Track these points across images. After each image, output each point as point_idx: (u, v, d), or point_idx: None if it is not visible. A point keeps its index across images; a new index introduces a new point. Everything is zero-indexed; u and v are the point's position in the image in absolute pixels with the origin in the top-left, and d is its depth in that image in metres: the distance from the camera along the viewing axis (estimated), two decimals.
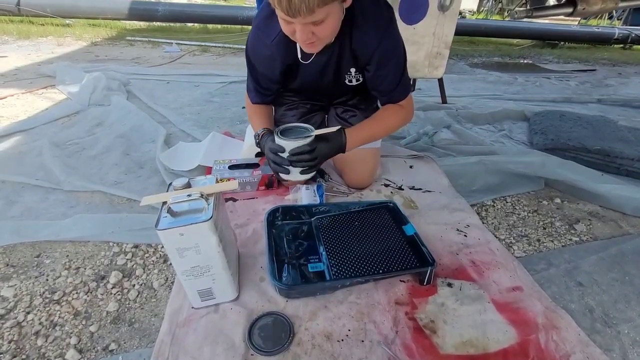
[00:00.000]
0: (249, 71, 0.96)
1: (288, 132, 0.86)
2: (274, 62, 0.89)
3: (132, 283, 0.86)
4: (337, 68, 0.93)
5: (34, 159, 1.39)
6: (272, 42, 0.85)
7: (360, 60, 0.90)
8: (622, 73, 3.72)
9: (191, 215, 0.62)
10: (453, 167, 1.36)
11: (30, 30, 4.03)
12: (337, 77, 0.98)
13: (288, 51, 0.87)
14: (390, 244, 0.89)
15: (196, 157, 1.36)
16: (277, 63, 0.89)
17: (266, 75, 0.94)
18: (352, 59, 0.91)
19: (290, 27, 0.70)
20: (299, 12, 0.63)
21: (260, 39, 0.87)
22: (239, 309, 0.72)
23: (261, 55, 0.90)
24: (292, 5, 0.62)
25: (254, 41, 0.89)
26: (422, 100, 2.29)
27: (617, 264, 0.96)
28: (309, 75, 0.96)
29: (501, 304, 0.77)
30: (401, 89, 0.96)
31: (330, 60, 0.89)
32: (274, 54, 0.87)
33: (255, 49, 0.90)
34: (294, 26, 0.69)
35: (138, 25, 4.92)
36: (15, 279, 0.86)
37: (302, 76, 0.96)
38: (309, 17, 0.64)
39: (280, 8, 0.64)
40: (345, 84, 0.99)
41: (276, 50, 0.86)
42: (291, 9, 0.63)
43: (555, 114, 1.97)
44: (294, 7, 0.62)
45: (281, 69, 0.91)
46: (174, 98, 2.22)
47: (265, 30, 0.85)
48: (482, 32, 4.93)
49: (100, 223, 1.03)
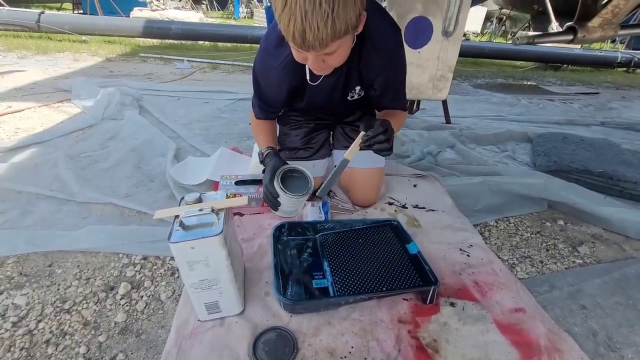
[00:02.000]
0: (255, 90, 0.98)
1: (289, 178, 0.86)
2: (281, 85, 0.91)
3: (140, 294, 0.88)
4: (344, 87, 0.96)
5: (49, 171, 1.43)
6: (280, 65, 0.85)
7: (366, 80, 0.93)
8: (625, 96, 3.76)
9: (202, 229, 0.65)
10: (457, 187, 1.37)
11: (48, 46, 4.19)
12: (344, 96, 1.00)
13: (296, 74, 0.88)
14: (393, 262, 0.91)
15: (205, 172, 1.40)
16: (284, 86, 0.91)
17: (272, 97, 0.96)
18: (358, 78, 0.93)
19: (302, 56, 0.71)
20: (312, 48, 0.64)
21: (267, 62, 0.88)
22: (244, 322, 0.73)
23: (269, 78, 0.91)
24: (305, 42, 0.62)
25: (261, 63, 0.90)
26: (426, 120, 2.34)
27: (620, 288, 0.96)
28: (316, 96, 0.97)
29: (504, 325, 0.78)
30: (402, 102, 1.03)
31: (338, 81, 0.91)
32: (281, 77, 0.88)
33: (263, 71, 0.91)
34: (306, 55, 0.69)
35: (151, 42, 5.11)
36: (28, 287, 0.88)
37: (309, 96, 0.98)
38: (322, 51, 0.65)
39: (293, 43, 0.64)
40: (347, 100, 1.03)
41: (284, 74, 0.87)
42: (305, 45, 0.63)
43: (558, 136, 1.99)
44: (307, 43, 0.62)
45: (288, 91, 0.93)
46: (184, 114, 2.28)
47: (274, 53, 0.85)
48: (486, 54, 5.04)
49: (111, 234, 1.06)
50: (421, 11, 1.58)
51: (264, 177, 0.89)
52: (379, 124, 0.83)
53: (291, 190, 0.84)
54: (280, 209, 0.89)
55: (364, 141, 0.83)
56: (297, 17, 0.58)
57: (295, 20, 0.59)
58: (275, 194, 0.84)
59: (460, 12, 1.53)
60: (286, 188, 0.83)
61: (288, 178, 0.86)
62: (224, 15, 13.33)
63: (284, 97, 0.95)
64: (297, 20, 0.59)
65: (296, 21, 0.59)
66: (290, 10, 0.59)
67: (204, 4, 13.41)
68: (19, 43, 4.22)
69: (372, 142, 0.82)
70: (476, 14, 8.75)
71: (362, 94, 0.99)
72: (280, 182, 0.83)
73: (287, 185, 0.84)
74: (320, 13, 0.58)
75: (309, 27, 0.59)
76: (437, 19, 1.56)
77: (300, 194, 0.84)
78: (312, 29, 0.60)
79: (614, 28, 1.29)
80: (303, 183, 0.86)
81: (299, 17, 0.58)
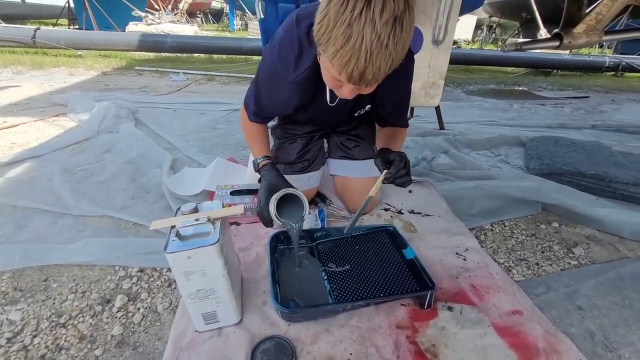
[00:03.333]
0: (256, 96, 0.93)
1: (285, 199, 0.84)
2: (292, 98, 0.87)
3: (137, 307, 0.87)
4: (355, 105, 0.95)
5: (44, 185, 1.43)
6: (294, 80, 0.81)
7: (378, 98, 0.92)
8: (615, 99, 3.83)
9: (198, 239, 0.65)
10: (451, 192, 1.39)
11: (44, 61, 4.21)
12: (351, 113, 1.01)
13: (308, 90, 0.85)
14: (390, 268, 0.91)
15: (201, 183, 1.40)
16: (295, 99, 0.87)
17: (276, 107, 0.93)
18: (371, 97, 0.92)
19: (338, 84, 0.68)
20: (365, 84, 0.62)
21: (279, 74, 0.83)
22: (241, 332, 0.73)
23: (275, 88, 0.87)
24: (362, 79, 0.60)
25: (270, 71, 0.84)
26: (420, 127, 2.36)
27: (616, 288, 0.97)
28: (324, 112, 0.95)
29: (501, 328, 0.78)
30: (406, 119, 1.05)
31: (350, 101, 0.88)
32: (293, 91, 0.84)
33: (270, 81, 0.86)
34: (341, 83, 0.67)
35: (147, 55, 5.15)
36: (23, 302, 0.87)
37: (316, 111, 0.95)
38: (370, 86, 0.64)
39: (346, 78, 0.61)
40: (354, 116, 1.04)
41: (296, 88, 0.84)
42: (360, 82, 0.61)
43: (551, 139, 2.02)
44: (364, 80, 0.60)
45: (296, 105, 0.89)
46: (180, 125, 2.30)
47: (287, 65, 0.80)
48: (477, 61, 5.12)
49: (107, 247, 1.05)
50: None
51: (259, 194, 0.87)
52: (397, 159, 0.83)
53: (286, 212, 0.83)
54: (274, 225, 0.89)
55: (386, 178, 0.83)
56: (362, 56, 0.56)
57: (358, 59, 0.56)
58: (269, 218, 0.83)
59: (449, 21, 1.57)
60: (281, 210, 0.82)
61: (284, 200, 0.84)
62: (219, 28, 13.49)
63: (290, 110, 0.92)
64: (361, 60, 0.56)
65: (359, 60, 0.56)
66: (354, 49, 0.55)
67: (199, 18, 13.58)
68: (14, 59, 4.24)
69: (394, 179, 0.83)
70: (467, 22, 8.94)
71: (369, 109, 1.00)
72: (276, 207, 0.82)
73: (282, 208, 0.83)
74: (385, 54, 0.56)
75: (371, 66, 0.57)
76: (426, 28, 1.60)
77: (293, 222, 0.84)
78: (374, 68, 0.58)
79: (598, 34, 1.33)
80: (298, 207, 0.85)
81: (363, 57, 0.56)
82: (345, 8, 0.54)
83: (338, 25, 0.55)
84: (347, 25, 0.54)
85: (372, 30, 0.54)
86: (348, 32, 0.54)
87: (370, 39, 0.54)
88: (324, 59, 0.63)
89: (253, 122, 0.99)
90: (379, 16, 0.53)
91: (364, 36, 0.54)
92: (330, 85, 0.72)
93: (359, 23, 0.53)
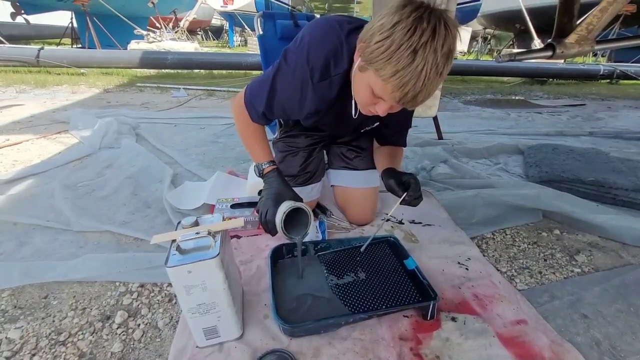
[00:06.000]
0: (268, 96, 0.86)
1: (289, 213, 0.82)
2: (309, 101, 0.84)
3: (137, 323, 0.86)
4: (365, 121, 0.96)
5: (45, 201, 1.43)
6: (319, 83, 0.80)
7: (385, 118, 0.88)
8: (611, 107, 3.86)
9: (199, 252, 0.65)
10: (452, 201, 1.39)
11: (47, 80, 4.28)
12: (358, 128, 1.03)
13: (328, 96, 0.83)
14: (392, 279, 0.91)
15: (201, 196, 1.41)
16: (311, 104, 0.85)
17: (287, 110, 0.89)
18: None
19: (375, 100, 0.71)
20: (411, 105, 0.66)
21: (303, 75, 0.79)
22: (243, 347, 0.72)
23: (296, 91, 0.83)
24: (413, 101, 0.64)
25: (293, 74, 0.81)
26: (419, 137, 2.38)
27: (620, 295, 0.96)
28: (333, 123, 0.97)
29: (506, 338, 0.77)
30: (405, 138, 1.08)
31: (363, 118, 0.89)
32: (313, 95, 0.82)
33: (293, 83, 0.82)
34: (379, 100, 0.70)
35: (148, 72, 5.24)
36: (22, 320, 0.86)
37: (327, 118, 0.95)
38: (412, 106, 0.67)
39: (397, 98, 0.64)
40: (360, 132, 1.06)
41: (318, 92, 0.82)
42: (409, 103, 0.65)
43: (548, 147, 2.03)
44: (413, 101, 0.64)
45: (311, 111, 0.87)
46: (181, 140, 2.32)
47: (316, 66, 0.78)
48: (474, 72, 5.20)
49: (107, 263, 1.05)
50: None
51: (263, 201, 0.87)
52: (413, 182, 0.89)
53: (291, 224, 0.83)
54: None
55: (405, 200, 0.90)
56: (420, 81, 0.60)
57: (416, 83, 0.60)
58: (274, 228, 0.84)
59: None
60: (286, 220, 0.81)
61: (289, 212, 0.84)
62: (219, 44, 13.75)
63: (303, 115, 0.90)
64: (418, 84, 0.61)
65: (417, 83, 0.61)
66: (414, 73, 0.60)
67: (199, 35, 13.85)
68: (18, 78, 4.32)
69: (410, 200, 0.89)
70: (462, 34, 9.10)
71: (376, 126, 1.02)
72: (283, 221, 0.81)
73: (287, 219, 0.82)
74: (437, 82, 0.62)
75: (425, 89, 0.62)
76: None
77: (298, 235, 0.85)
78: (426, 92, 0.63)
79: (590, 43, 1.36)
80: (303, 218, 0.84)
81: (421, 82, 0.60)
82: (413, 34, 0.58)
83: (403, 48, 0.59)
84: (413, 50, 0.59)
85: (433, 59, 0.59)
86: (412, 57, 0.59)
87: (431, 66, 0.60)
88: (372, 76, 0.66)
89: (255, 123, 0.95)
90: (441, 48, 0.59)
91: (426, 63, 0.59)
92: (363, 101, 0.74)
93: (424, 50, 0.58)
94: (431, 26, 0.58)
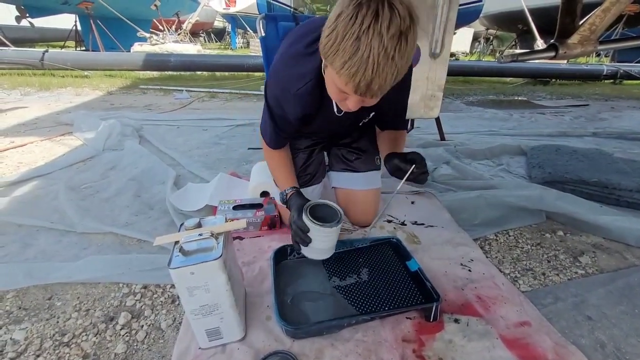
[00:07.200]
0: (270, 117, 0.93)
1: (317, 210, 0.84)
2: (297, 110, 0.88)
3: (140, 324, 0.86)
4: (360, 115, 0.96)
5: (49, 203, 1.44)
6: (297, 92, 0.83)
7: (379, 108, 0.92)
8: (614, 107, 3.84)
9: (202, 254, 0.65)
10: (454, 202, 1.38)
11: (51, 82, 4.32)
12: (356, 122, 1.02)
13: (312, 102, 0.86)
14: (394, 280, 0.91)
15: (204, 198, 1.42)
16: (298, 111, 0.88)
17: (285, 118, 0.92)
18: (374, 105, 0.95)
19: (343, 95, 0.69)
20: (371, 95, 0.63)
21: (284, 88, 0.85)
22: (245, 349, 0.72)
23: (285, 105, 0.88)
24: (369, 90, 0.61)
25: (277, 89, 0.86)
26: (421, 138, 2.38)
27: (625, 297, 0.95)
28: (329, 123, 0.97)
29: (510, 340, 0.77)
30: (406, 122, 1.08)
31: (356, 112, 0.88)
32: (297, 104, 0.86)
33: (280, 98, 0.87)
34: (347, 95, 0.68)
35: (151, 74, 5.27)
36: (27, 321, 0.87)
37: (320, 123, 0.96)
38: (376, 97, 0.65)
39: (353, 89, 0.62)
40: (358, 125, 1.05)
41: (300, 100, 0.85)
42: (366, 93, 0.62)
43: (551, 147, 2.02)
44: (370, 91, 0.62)
45: (301, 117, 0.90)
46: (184, 141, 2.33)
47: (290, 81, 0.83)
48: (476, 72, 5.19)
49: (110, 264, 1.06)
50: None
51: (290, 217, 0.88)
52: (419, 158, 0.89)
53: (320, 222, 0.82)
54: (311, 247, 0.85)
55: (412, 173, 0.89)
56: (369, 68, 0.58)
57: (365, 70, 0.58)
58: (305, 228, 0.82)
59: (445, 35, 1.60)
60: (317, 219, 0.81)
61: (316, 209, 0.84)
62: (221, 46, 13.81)
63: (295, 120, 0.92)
64: (368, 71, 0.58)
65: (366, 72, 0.58)
66: (361, 60, 0.57)
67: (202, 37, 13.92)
68: (22, 80, 4.35)
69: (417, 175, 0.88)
70: (464, 35, 9.10)
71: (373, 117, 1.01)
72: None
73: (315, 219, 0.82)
74: (391, 66, 0.58)
75: (377, 77, 0.59)
76: (423, 42, 1.63)
77: (330, 223, 0.82)
78: (380, 79, 0.59)
79: (593, 44, 1.35)
80: (331, 215, 0.84)
81: (370, 69, 0.58)
82: (354, 22, 0.56)
83: (347, 38, 0.57)
84: (356, 37, 0.56)
85: (379, 43, 0.56)
86: (356, 45, 0.57)
87: (378, 51, 0.56)
88: (331, 71, 0.65)
89: (274, 150, 1.01)
90: (386, 30, 0.56)
91: (371, 48, 0.56)
92: (335, 98, 0.74)
93: (367, 36, 0.56)
94: (372, 10, 0.55)
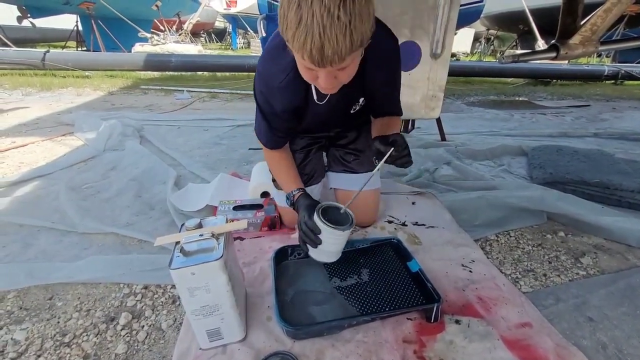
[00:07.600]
0: (260, 115, 0.94)
1: (327, 212, 0.83)
2: (284, 104, 0.89)
3: (141, 324, 0.86)
4: (348, 101, 0.95)
5: (50, 203, 1.45)
6: (280, 85, 0.84)
7: (369, 90, 0.93)
8: (616, 107, 3.83)
9: (202, 254, 0.65)
10: (455, 203, 1.38)
11: (52, 82, 4.33)
12: (347, 110, 1.00)
13: (297, 93, 0.87)
14: (395, 281, 0.91)
15: (205, 198, 1.42)
16: (286, 104, 0.89)
17: (275, 114, 0.92)
18: (361, 90, 0.92)
19: (313, 74, 0.69)
20: (330, 63, 0.61)
21: (267, 84, 0.86)
22: (246, 349, 0.72)
23: (273, 101, 0.89)
24: (324, 57, 0.60)
25: (260, 85, 0.88)
26: (421, 138, 2.38)
27: (627, 298, 0.95)
28: (319, 114, 0.96)
29: (511, 341, 0.76)
30: (399, 107, 1.05)
31: (343, 96, 0.88)
32: (282, 96, 0.87)
33: (262, 92, 0.89)
34: (316, 73, 0.68)
35: (152, 75, 5.27)
36: (28, 321, 0.87)
37: (312, 115, 0.96)
38: (338, 65, 0.63)
39: (309, 60, 0.62)
40: (350, 114, 1.03)
41: (284, 93, 0.86)
42: (322, 61, 0.61)
43: (553, 148, 2.02)
44: (326, 58, 0.60)
45: (289, 110, 0.91)
46: (184, 142, 2.33)
47: (271, 75, 0.84)
48: (477, 73, 5.19)
49: (111, 264, 1.06)
50: (409, 36, 1.65)
51: (299, 217, 0.86)
52: (399, 139, 0.83)
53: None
54: (320, 249, 0.83)
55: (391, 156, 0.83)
56: (315, 32, 0.57)
57: (312, 35, 0.57)
58: (316, 229, 0.80)
59: (446, 36, 1.60)
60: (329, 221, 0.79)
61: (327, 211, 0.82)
62: (222, 46, 13.83)
63: (286, 117, 0.93)
64: (315, 36, 0.57)
65: (314, 37, 0.57)
66: (307, 27, 0.57)
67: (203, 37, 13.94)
68: (24, 81, 4.36)
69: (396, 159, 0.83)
70: (465, 35, 9.10)
71: (364, 103, 1.00)
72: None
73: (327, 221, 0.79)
74: (339, 26, 0.57)
75: (327, 41, 0.58)
76: (424, 43, 1.63)
77: (343, 226, 0.80)
78: (331, 42, 0.58)
79: (594, 44, 1.35)
80: (342, 218, 0.83)
81: (317, 32, 0.57)
82: None
83: (290, 9, 0.58)
84: (297, 6, 0.57)
85: (320, 5, 0.55)
86: (299, 13, 0.57)
87: (320, 13, 0.55)
88: (293, 51, 0.65)
89: (273, 151, 1.00)
90: None
91: (313, 12, 0.56)
92: (307, 79, 0.73)
93: (307, 1, 0.56)
94: None
